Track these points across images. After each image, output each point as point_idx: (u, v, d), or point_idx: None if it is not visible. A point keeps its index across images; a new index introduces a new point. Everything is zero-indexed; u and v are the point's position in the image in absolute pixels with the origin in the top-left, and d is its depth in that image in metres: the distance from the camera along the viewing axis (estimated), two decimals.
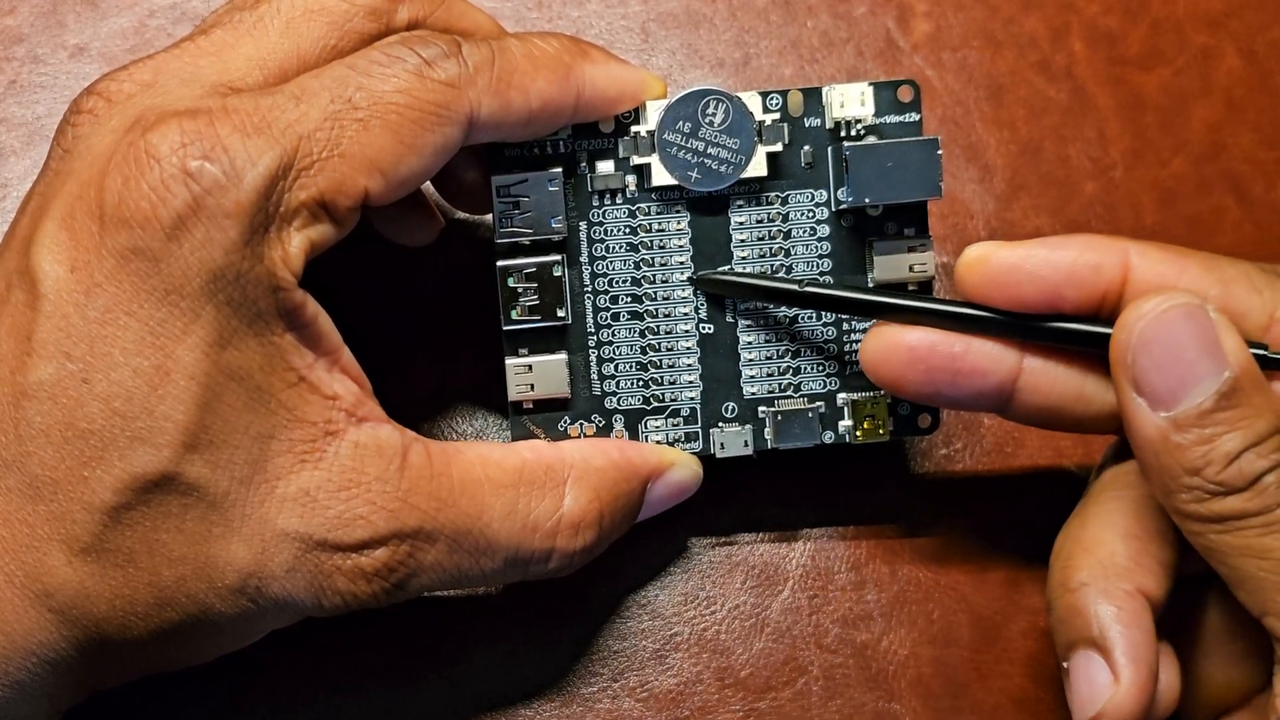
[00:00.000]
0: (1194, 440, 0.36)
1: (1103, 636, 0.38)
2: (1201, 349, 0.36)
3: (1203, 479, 0.36)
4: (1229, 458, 0.36)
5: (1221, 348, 0.36)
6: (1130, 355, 0.37)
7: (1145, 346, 0.37)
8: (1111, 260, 0.39)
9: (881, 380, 0.40)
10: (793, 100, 0.41)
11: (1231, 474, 0.36)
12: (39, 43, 0.47)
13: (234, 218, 0.35)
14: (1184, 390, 0.36)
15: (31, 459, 0.36)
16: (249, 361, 0.36)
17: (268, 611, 0.38)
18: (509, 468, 0.39)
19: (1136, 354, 0.37)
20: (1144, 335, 0.37)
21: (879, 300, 0.40)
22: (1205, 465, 0.36)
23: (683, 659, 0.45)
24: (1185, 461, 0.36)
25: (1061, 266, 0.39)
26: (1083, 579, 0.39)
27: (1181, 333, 0.37)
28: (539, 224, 0.40)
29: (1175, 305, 0.37)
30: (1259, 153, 0.47)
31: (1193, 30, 0.48)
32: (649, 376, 0.42)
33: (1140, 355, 0.37)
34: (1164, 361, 0.37)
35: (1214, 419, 0.36)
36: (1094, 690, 0.38)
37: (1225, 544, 0.37)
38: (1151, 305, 0.37)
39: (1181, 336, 0.37)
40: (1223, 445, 0.36)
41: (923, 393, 0.40)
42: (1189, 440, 0.36)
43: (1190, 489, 0.36)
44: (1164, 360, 0.37)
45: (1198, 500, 0.36)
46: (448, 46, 0.38)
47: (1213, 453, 0.36)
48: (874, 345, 0.40)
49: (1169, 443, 0.36)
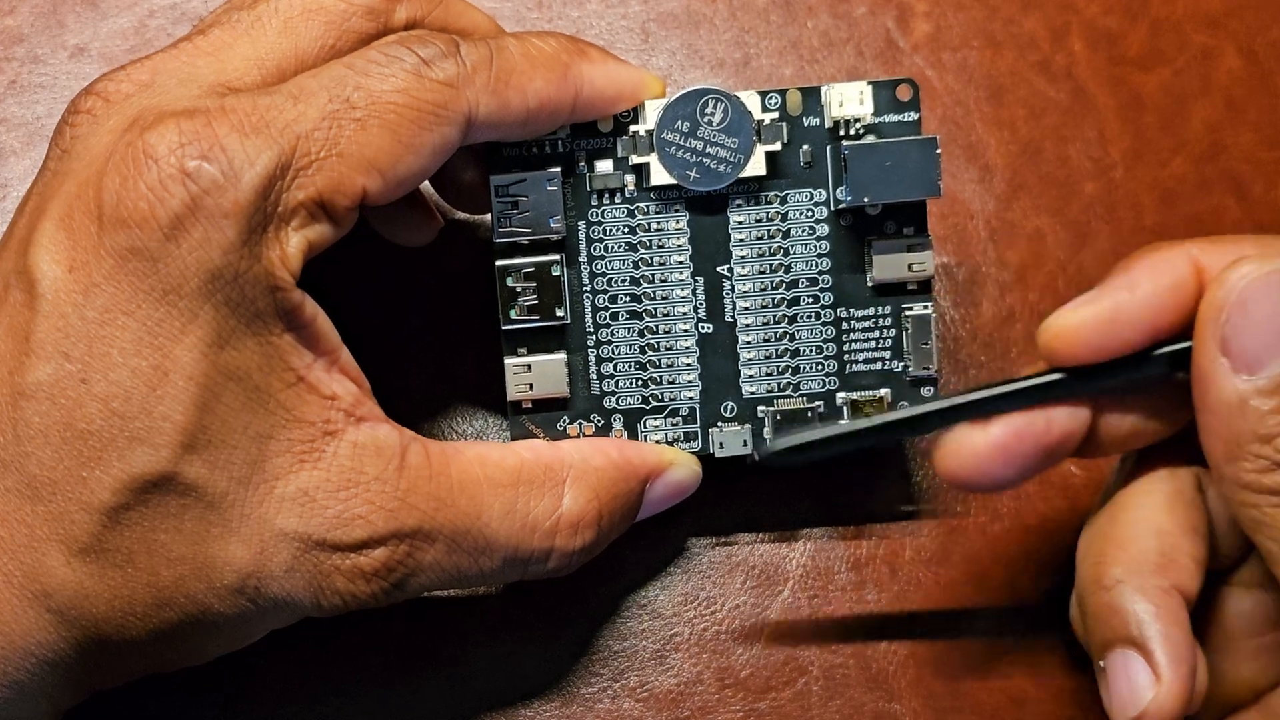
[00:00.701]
0: (1273, 408, 0.35)
1: (1141, 635, 0.38)
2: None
3: (1274, 449, 0.36)
4: None
5: None
6: (1225, 314, 0.36)
7: (1241, 307, 0.36)
8: (1184, 271, 0.37)
9: (974, 487, 0.38)
10: (791, 99, 0.41)
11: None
12: (39, 43, 0.47)
13: (232, 218, 0.35)
14: (1270, 356, 0.36)
15: (30, 459, 0.36)
16: (247, 361, 0.36)
17: (267, 612, 0.38)
18: (508, 467, 0.39)
19: (1231, 313, 0.36)
20: (1243, 295, 0.36)
21: (956, 404, 0.38)
22: (1279, 434, 0.36)
23: (683, 659, 0.45)
24: (1261, 428, 0.36)
25: (1149, 302, 0.37)
26: (1117, 576, 0.38)
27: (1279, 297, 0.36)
28: (537, 223, 0.40)
29: (1277, 269, 0.36)
30: (1259, 153, 0.47)
31: (1193, 30, 0.48)
32: (648, 376, 0.42)
33: (1234, 315, 0.36)
34: (1260, 324, 0.36)
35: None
36: (1135, 690, 0.38)
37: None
38: (1253, 267, 0.36)
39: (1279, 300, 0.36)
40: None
41: (1015, 481, 0.38)
42: (1268, 407, 0.35)
43: (1258, 457, 0.36)
44: (1259, 323, 0.36)
45: (1262, 470, 0.36)
46: (445, 46, 0.38)
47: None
48: (957, 459, 0.38)
49: (1246, 407, 0.36)
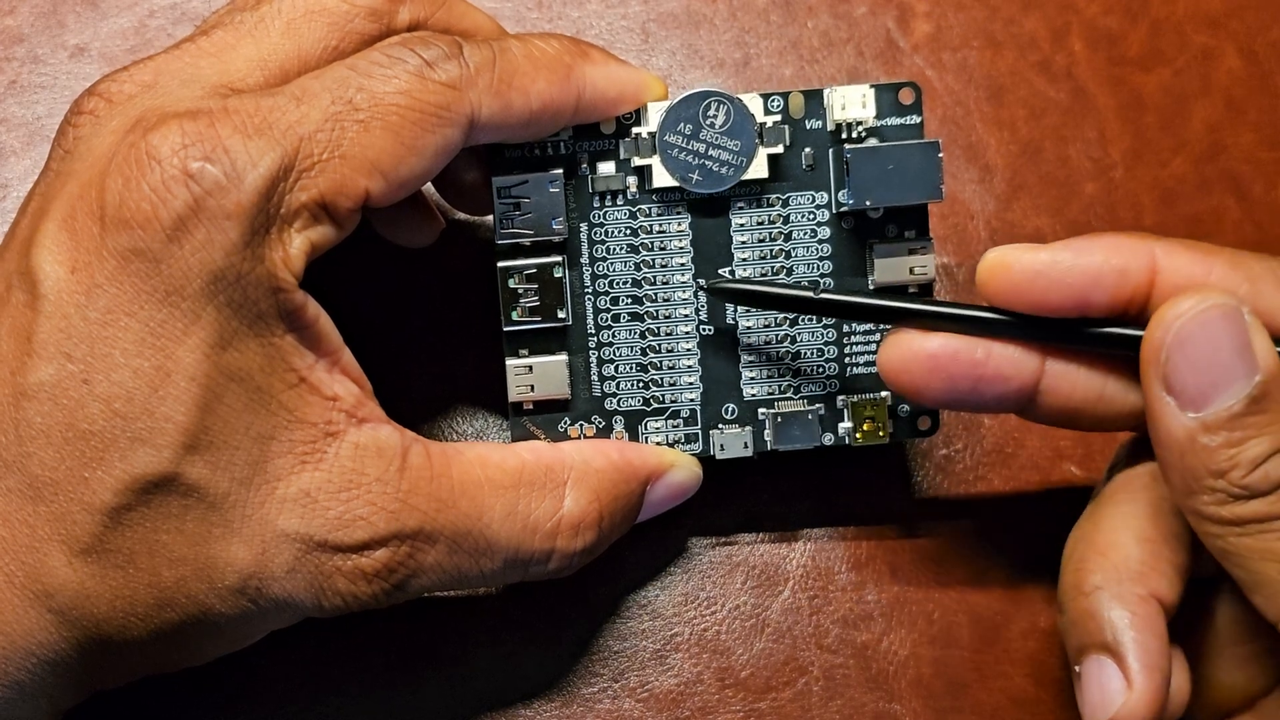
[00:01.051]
0: (1222, 443, 0.36)
1: (1116, 642, 0.38)
2: (1235, 351, 0.36)
3: (1227, 482, 0.36)
4: (1255, 462, 0.36)
5: (1253, 351, 0.36)
6: (1164, 354, 0.36)
7: (1180, 345, 0.36)
8: (1138, 262, 0.38)
9: (901, 388, 0.39)
10: (794, 102, 0.41)
11: (1257, 478, 0.36)
12: (39, 43, 0.47)
13: (235, 219, 0.35)
14: (1215, 392, 0.36)
15: (32, 460, 0.36)
16: (249, 363, 0.36)
17: (268, 612, 0.38)
18: (509, 469, 0.39)
19: (1171, 352, 0.36)
20: (1180, 334, 0.36)
21: (897, 306, 0.39)
22: (1231, 468, 0.36)
23: (683, 659, 0.45)
24: (1211, 464, 0.36)
25: (1089, 271, 0.38)
26: (1096, 583, 0.39)
27: (1218, 333, 0.36)
28: (540, 225, 0.40)
29: (1213, 305, 0.36)
30: (1259, 153, 0.47)
31: (1193, 30, 0.48)
32: (649, 378, 0.42)
33: (1174, 354, 0.36)
34: (1198, 362, 0.36)
35: (1243, 423, 0.36)
36: (1106, 696, 0.38)
37: (1245, 547, 0.36)
38: (1189, 304, 0.36)
39: (1217, 337, 0.36)
40: (1250, 449, 0.36)
41: (943, 400, 0.39)
42: (1216, 443, 0.36)
43: (1214, 491, 0.36)
44: (1198, 360, 0.36)
45: (1220, 503, 0.36)
46: (448, 48, 0.38)
47: (1240, 456, 0.36)
48: (893, 353, 0.39)
49: (1196, 444, 0.36)
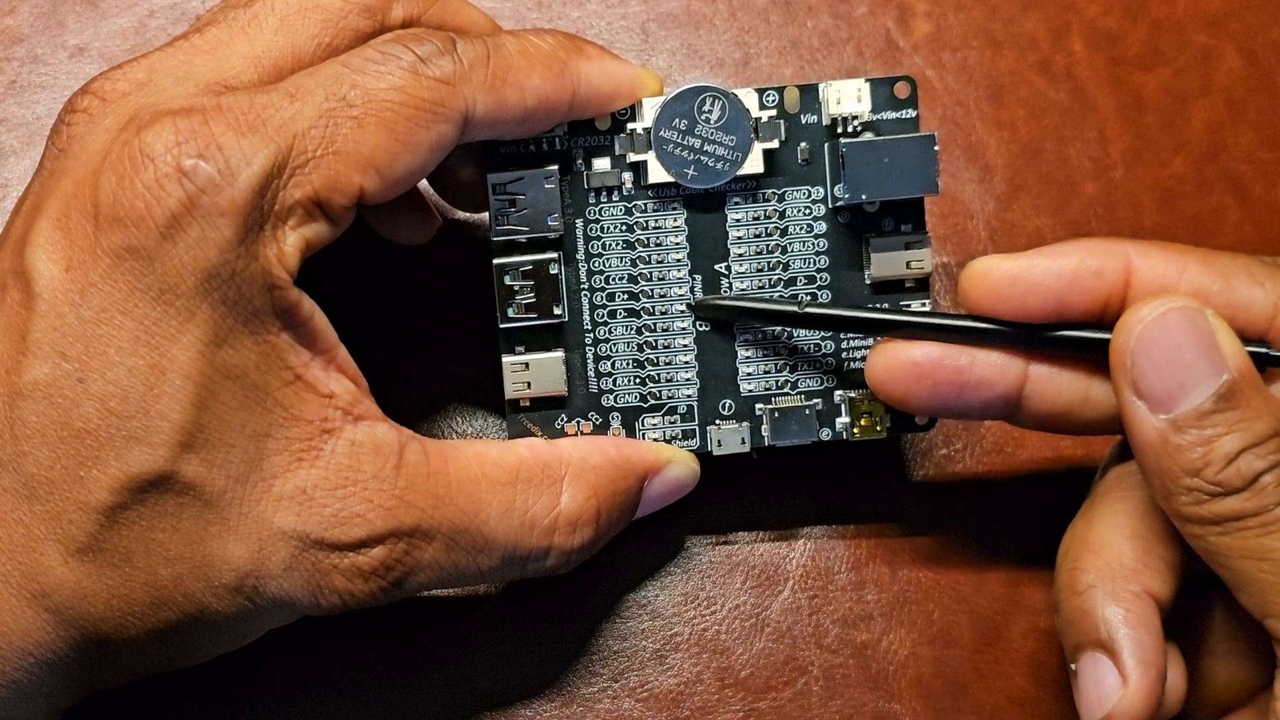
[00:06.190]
0: (1193, 441, 0.36)
1: (1111, 639, 0.38)
2: (1199, 351, 0.37)
3: (1201, 480, 0.36)
4: (1227, 458, 0.36)
5: (1220, 350, 0.37)
6: (1129, 359, 0.37)
7: (1143, 350, 0.37)
8: (1113, 264, 0.39)
9: (888, 397, 0.40)
10: (789, 97, 0.41)
11: (1230, 474, 0.36)
12: (39, 43, 0.47)
13: (229, 216, 0.35)
14: (1182, 392, 0.37)
15: (27, 459, 0.36)
16: (244, 360, 0.36)
17: (265, 610, 0.37)
18: (506, 465, 0.39)
19: (1135, 357, 0.37)
20: (1142, 339, 0.37)
21: (882, 318, 0.40)
22: (1204, 466, 0.36)
23: (683, 659, 0.45)
24: (1184, 463, 0.36)
25: (1064, 275, 0.39)
26: (1090, 581, 0.39)
27: (1179, 335, 0.37)
28: (535, 222, 0.40)
29: (1173, 308, 0.37)
30: (1259, 153, 0.47)
31: (1193, 30, 0.48)
32: (646, 374, 0.42)
33: (1139, 358, 0.37)
34: (1162, 364, 0.37)
35: (1212, 420, 0.36)
36: (1102, 693, 0.38)
37: (1225, 546, 0.37)
38: (1149, 309, 0.37)
39: (1179, 339, 0.37)
40: (1221, 446, 0.36)
41: (930, 407, 0.40)
42: (1188, 441, 0.36)
43: (1190, 490, 0.37)
44: (1162, 363, 0.37)
45: (1197, 502, 0.37)
46: (442, 44, 0.38)
47: (1211, 454, 0.36)
48: (879, 363, 0.40)
49: (1168, 444, 0.37)
